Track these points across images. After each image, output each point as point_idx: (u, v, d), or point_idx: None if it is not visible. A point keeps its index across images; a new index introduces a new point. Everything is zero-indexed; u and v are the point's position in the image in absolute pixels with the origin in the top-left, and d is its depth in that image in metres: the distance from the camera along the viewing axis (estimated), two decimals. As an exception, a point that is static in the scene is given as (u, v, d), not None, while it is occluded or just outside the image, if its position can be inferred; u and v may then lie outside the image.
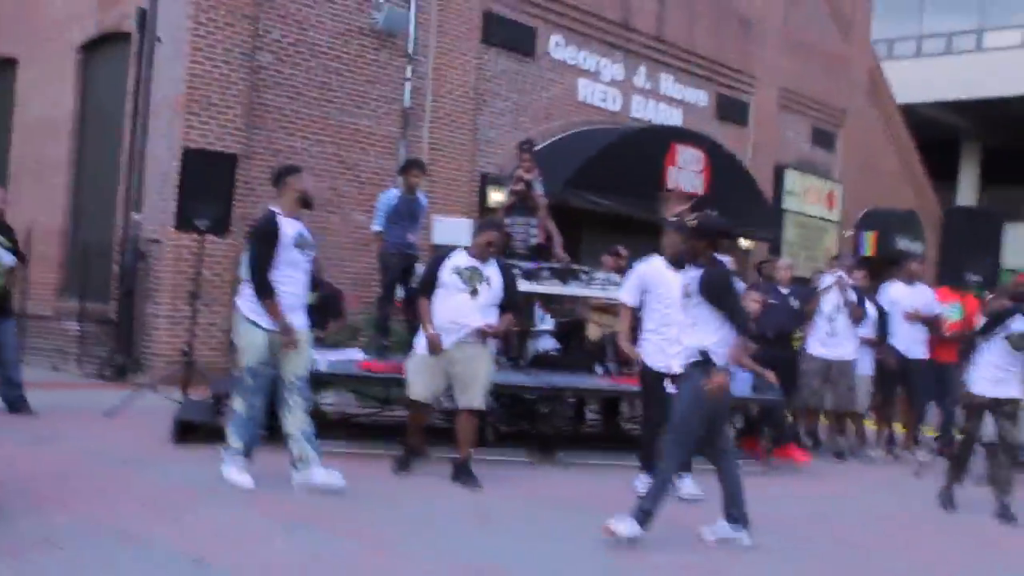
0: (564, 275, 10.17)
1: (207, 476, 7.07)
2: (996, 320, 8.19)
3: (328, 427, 9.23)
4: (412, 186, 10.35)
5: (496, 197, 14.95)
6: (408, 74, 14.87)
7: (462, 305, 7.59)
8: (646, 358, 7.75)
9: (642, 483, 7.37)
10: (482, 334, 7.63)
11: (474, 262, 7.70)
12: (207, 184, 9.97)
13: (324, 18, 13.93)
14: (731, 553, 6.17)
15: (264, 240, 7.00)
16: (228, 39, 12.78)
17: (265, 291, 6.93)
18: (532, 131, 15.91)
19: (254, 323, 7.00)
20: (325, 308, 10.39)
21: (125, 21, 13.92)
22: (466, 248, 7.90)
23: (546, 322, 11.42)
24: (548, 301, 11.12)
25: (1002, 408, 8.09)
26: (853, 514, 7.93)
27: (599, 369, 10.30)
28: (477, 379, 7.64)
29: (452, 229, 10.56)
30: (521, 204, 10.75)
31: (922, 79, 31.59)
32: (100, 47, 14.89)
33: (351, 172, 14.23)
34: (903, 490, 9.26)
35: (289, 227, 7.07)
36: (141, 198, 13.05)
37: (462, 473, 7.66)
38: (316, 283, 10.12)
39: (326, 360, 8.76)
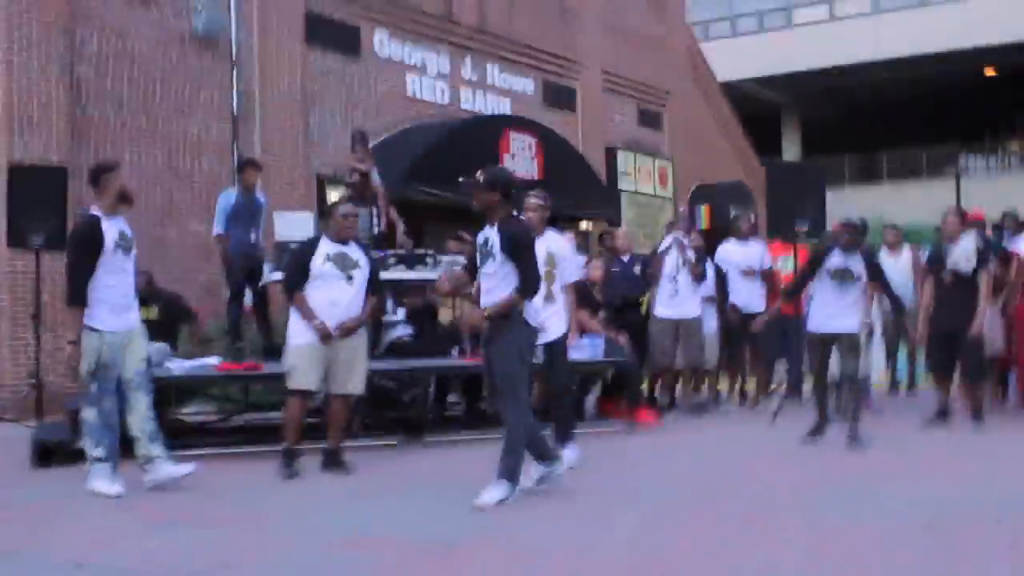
0: (410, 261, 10.22)
1: (74, 491, 6.90)
2: (816, 260, 8.66)
3: (191, 433, 9.12)
4: (249, 185, 10.30)
5: (335, 197, 14.88)
6: (234, 79, 14.68)
7: (341, 292, 7.50)
8: None
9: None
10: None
11: (340, 247, 7.59)
12: (37, 200, 9.69)
13: (142, 26, 13.62)
14: (607, 502, 6.35)
15: (84, 247, 6.87)
16: (44, 54, 12.38)
17: (76, 299, 6.79)
18: (363, 128, 15.86)
19: (89, 327, 6.83)
20: (169, 316, 10.23)
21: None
22: (326, 234, 7.75)
23: (397, 311, 11.45)
24: (397, 288, 11.13)
25: (840, 342, 8.52)
26: (708, 461, 8.20)
27: (455, 351, 10.39)
28: (358, 365, 7.61)
29: (294, 223, 10.49)
30: (360, 196, 10.73)
31: (739, 57, 32.70)
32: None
33: (184, 180, 13.97)
34: (760, 436, 9.60)
35: (111, 229, 6.95)
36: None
37: (333, 462, 7.61)
38: (152, 294, 9.99)
39: (182, 367, 8.64)
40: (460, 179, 6.66)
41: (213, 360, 9.10)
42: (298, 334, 7.51)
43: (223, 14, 14.46)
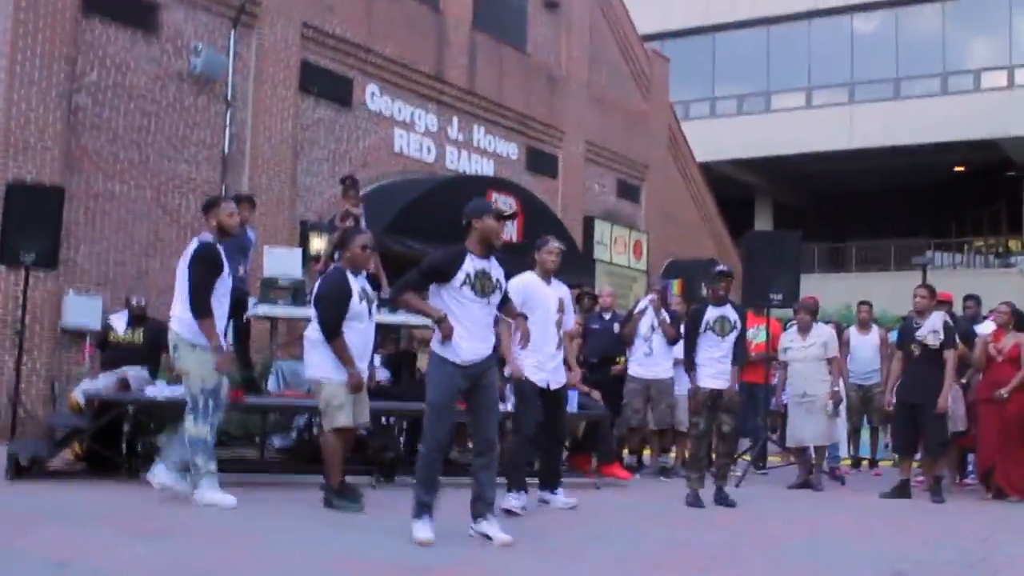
0: (391, 305, 10.38)
1: (52, 503, 7.00)
2: (695, 318, 9.03)
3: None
4: (242, 220, 10.43)
5: (318, 244, 15.06)
6: (227, 120, 14.94)
7: (367, 330, 7.58)
8: (527, 373, 7.85)
9: (512, 499, 7.67)
10: None
11: (362, 282, 7.62)
12: (32, 218, 9.83)
13: (142, 61, 13.90)
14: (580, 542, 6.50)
15: (210, 267, 7.34)
16: (45, 80, 12.63)
17: (207, 312, 7.27)
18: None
19: (198, 346, 7.29)
20: (153, 343, 10.32)
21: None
22: (348, 269, 7.61)
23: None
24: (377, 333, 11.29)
25: (721, 400, 8.81)
26: (678, 514, 8.34)
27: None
28: (366, 398, 7.70)
29: (283, 260, 10.68)
30: (350, 240, 10.91)
31: (717, 138, 33.32)
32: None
33: (171, 217, 14.14)
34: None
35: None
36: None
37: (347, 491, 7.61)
38: (141, 319, 10.11)
39: (162, 393, 8.69)
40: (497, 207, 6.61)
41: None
42: (336, 371, 7.38)
43: (222, 56, 14.74)
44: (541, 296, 7.96)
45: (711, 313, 8.93)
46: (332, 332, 7.32)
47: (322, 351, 7.39)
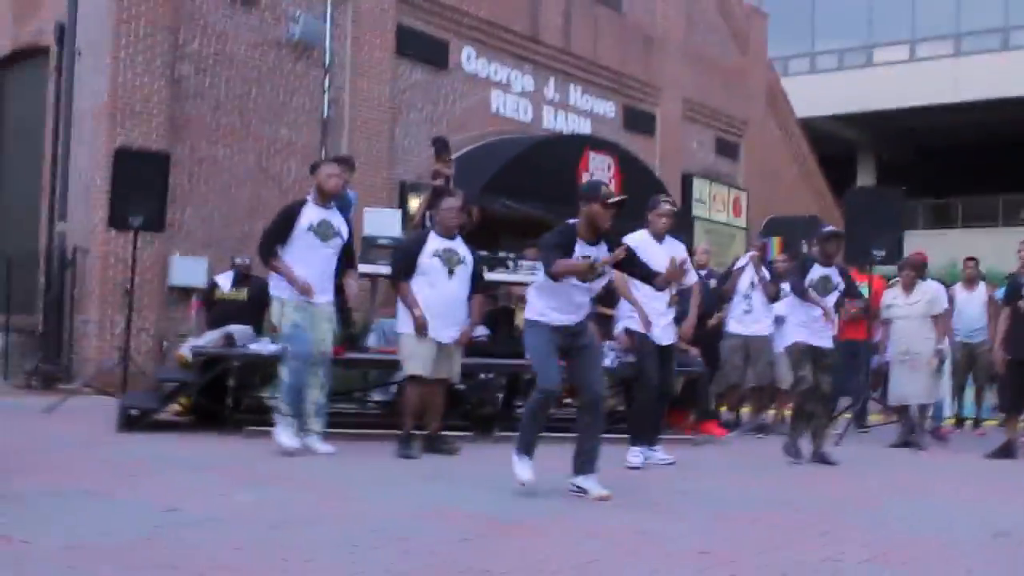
0: (491, 262, 10.46)
1: (163, 453, 7.27)
2: (802, 267, 8.89)
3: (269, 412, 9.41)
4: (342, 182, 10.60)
5: (415, 204, 15.22)
6: (326, 85, 15.14)
7: (444, 287, 7.84)
8: (640, 328, 7.98)
9: (633, 455, 7.81)
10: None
11: (447, 242, 7.92)
12: (139, 183, 10.13)
13: (242, 30, 14.16)
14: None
15: (282, 218, 8.03)
16: (149, 50, 12.95)
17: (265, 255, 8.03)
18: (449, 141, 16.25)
19: (276, 297, 7.93)
20: (258, 301, 10.56)
21: (43, 35, 13.99)
22: (433, 229, 8.07)
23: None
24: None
25: (823, 359, 8.67)
26: (773, 472, 8.32)
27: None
28: (456, 355, 8.04)
29: (383, 220, 10.81)
30: (438, 199, 11.02)
31: (817, 94, 32.71)
32: (17, 62, 14.90)
33: (273, 181, 14.43)
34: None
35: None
36: (66, 208, 13.08)
37: (435, 444, 7.99)
38: (245, 278, 10.37)
39: (268, 349, 8.90)
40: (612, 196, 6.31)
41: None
42: (408, 323, 7.83)
43: (319, 23, 14.93)
44: (651, 256, 7.77)
45: (816, 272, 8.80)
46: (394, 279, 7.99)
47: (400, 309, 7.88)
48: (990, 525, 5.94)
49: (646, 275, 6.68)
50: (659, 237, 8.07)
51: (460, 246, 7.99)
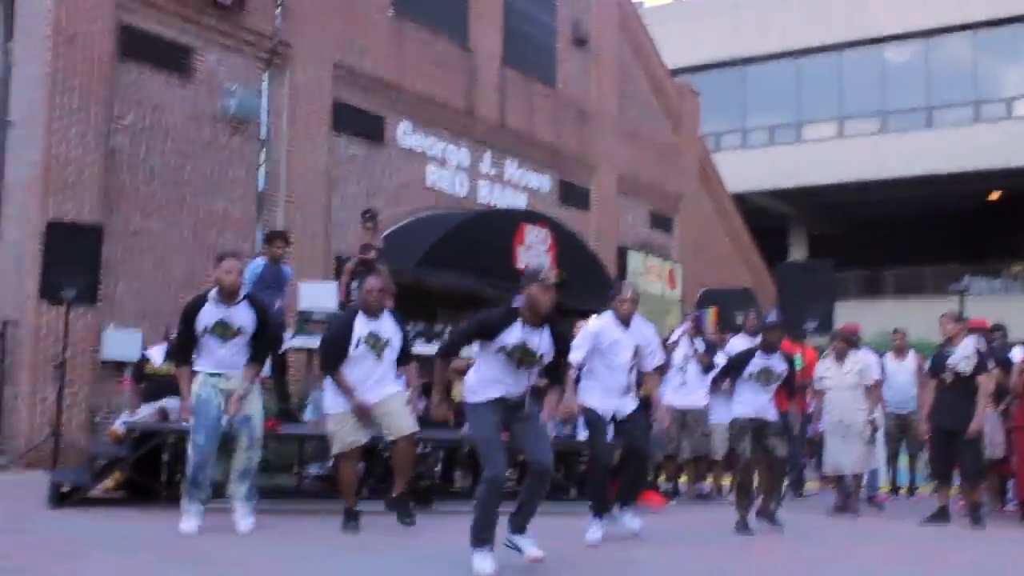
0: (428, 335, 10.49)
1: (95, 531, 7.13)
2: (740, 362, 8.99)
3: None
4: (277, 257, 10.60)
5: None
6: (262, 158, 15.14)
7: (373, 369, 7.83)
8: (596, 402, 7.96)
9: (592, 531, 7.70)
10: None
11: (373, 324, 7.84)
12: (72, 256, 10.03)
13: (177, 103, 14.14)
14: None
15: (182, 320, 7.75)
16: (83, 122, 12.87)
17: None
18: (383, 214, 16.30)
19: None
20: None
21: (-27, 106, 13.84)
22: (361, 307, 7.95)
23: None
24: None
25: (766, 430, 8.78)
26: (712, 541, 8.33)
27: (466, 427, 10.56)
28: (398, 407, 7.90)
29: (318, 293, 10.81)
30: (365, 271, 11.06)
31: (749, 169, 33.34)
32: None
33: (208, 253, 14.24)
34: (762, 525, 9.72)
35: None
36: (-5, 280, 12.89)
37: (401, 505, 7.95)
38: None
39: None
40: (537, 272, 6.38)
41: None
42: (334, 404, 7.82)
43: (255, 97, 14.97)
44: (613, 341, 7.97)
45: (757, 363, 8.85)
46: (325, 371, 7.93)
47: (327, 389, 7.92)
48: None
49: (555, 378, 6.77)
50: (625, 322, 8.06)
51: (385, 325, 7.90)
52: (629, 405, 8.07)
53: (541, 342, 6.28)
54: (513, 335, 6.23)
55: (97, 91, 13.06)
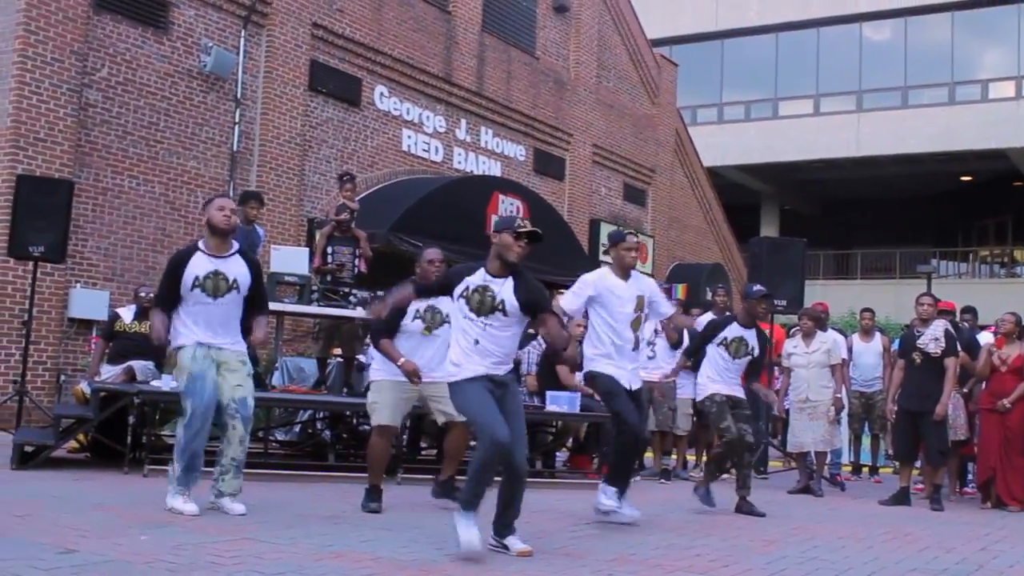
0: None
1: (58, 492, 7.08)
2: (715, 327, 8.90)
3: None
4: (250, 218, 10.55)
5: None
6: (236, 118, 15.02)
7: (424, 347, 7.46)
8: (605, 371, 7.48)
9: (607, 495, 7.51)
10: None
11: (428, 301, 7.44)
12: (41, 211, 9.92)
13: (153, 58, 13.99)
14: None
15: (168, 271, 6.99)
16: (56, 75, 12.72)
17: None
18: (357, 177, 16.21)
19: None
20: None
21: (-55, 56, 13.63)
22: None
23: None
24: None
25: (739, 409, 8.70)
26: (676, 514, 8.40)
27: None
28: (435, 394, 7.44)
29: (290, 258, 10.76)
30: (342, 234, 11.01)
31: (724, 144, 33.41)
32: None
33: (179, 213, 14.23)
34: (724, 500, 9.80)
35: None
36: (-38, 234, 12.74)
37: (448, 488, 7.58)
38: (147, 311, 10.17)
39: (170, 385, 8.73)
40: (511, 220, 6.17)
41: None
42: (378, 371, 7.52)
43: (232, 55, 14.82)
44: (612, 291, 7.41)
45: (733, 330, 8.69)
46: (375, 338, 7.52)
47: (376, 357, 7.64)
48: (886, 572, 6.07)
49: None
50: (625, 273, 7.50)
51: (443, 303, 7.19)
52: (636, 380, 7.61)
53: (503, 290, 6.02)
54: (475, 279, 6.04)
55: (71, 43, 12.89)
